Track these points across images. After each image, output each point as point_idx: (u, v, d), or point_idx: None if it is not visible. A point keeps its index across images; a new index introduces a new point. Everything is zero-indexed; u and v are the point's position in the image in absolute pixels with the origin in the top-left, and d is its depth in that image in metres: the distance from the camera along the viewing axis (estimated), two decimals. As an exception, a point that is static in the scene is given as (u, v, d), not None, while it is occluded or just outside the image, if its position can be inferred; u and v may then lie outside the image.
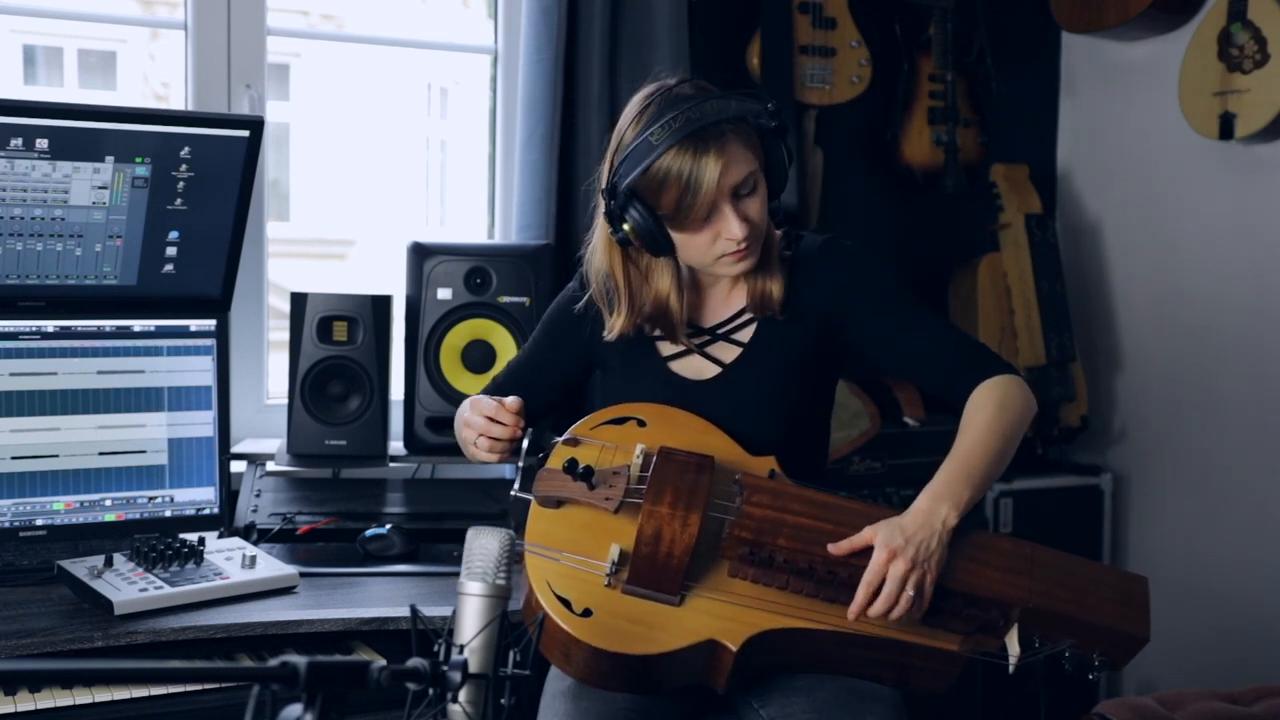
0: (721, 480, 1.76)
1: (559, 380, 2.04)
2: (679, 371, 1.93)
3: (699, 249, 1.82)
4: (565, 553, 1.71)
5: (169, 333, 2.30)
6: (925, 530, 1.68)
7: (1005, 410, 1.79)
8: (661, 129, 1.72)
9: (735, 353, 1.92)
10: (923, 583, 1.67)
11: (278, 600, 2.08)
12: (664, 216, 1.77)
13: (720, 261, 1.83)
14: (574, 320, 1.99)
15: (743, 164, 1.77)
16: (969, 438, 1.78)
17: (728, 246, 1.80)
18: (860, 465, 2.99)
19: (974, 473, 1.75)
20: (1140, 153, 3.34)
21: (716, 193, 1.74)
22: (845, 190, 3.19)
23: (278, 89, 3.76)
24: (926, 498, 1.73)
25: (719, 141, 1.73)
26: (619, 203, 1.78)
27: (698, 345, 1.93)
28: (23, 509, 2.19)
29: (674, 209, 1.76)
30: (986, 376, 1.83)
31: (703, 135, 1.72)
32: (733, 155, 1.75)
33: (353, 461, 2.51)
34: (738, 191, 1.77)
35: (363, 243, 4.76)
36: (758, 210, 1.80)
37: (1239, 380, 3.13)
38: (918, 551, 1.67)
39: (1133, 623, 1.72)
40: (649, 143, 1.73)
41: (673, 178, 1.73)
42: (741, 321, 1.93)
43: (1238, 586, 3.14)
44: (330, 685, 1.06)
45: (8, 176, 2.14)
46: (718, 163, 1.73)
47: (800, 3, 3.02)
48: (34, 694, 1.80)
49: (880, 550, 1.67)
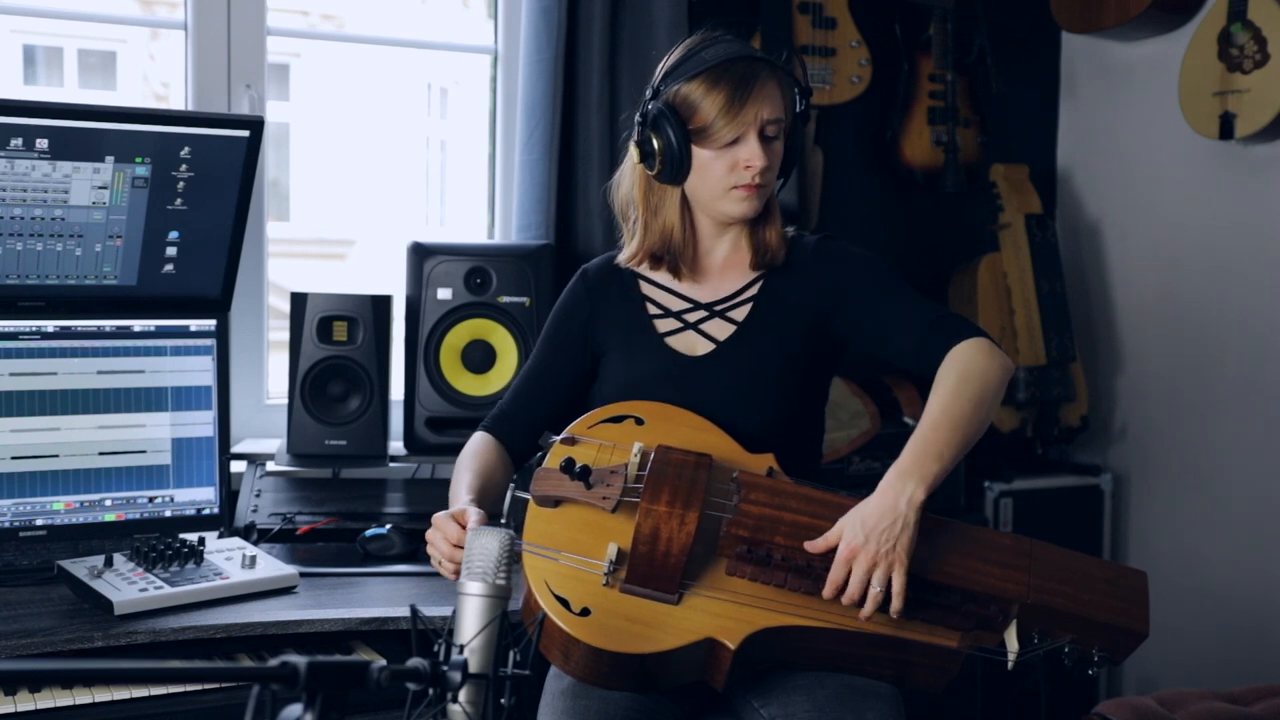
0: (719, 478, 1.76)
1: (567, 383, 2.04)
2: (675, 347, 1.96)
3: (715, 175, 1.88)
4: (563, 552, 1.71)
5: (169, 333, 2.30)
6: (888, 518, 1.67)
7: (969, 377, 1.79)
8: (717, 49, 1.87)
9: (729, 330, 1.95)
10: (890, 574, 1.66)
11: (278, 600, 2.08)
12: (693, 132, 1.85)
13: (730, 194, 1.89)
14: (578, 309, 2.03)
15: (779, 106, 1.88)
16: (934, 409, 1.77)
17: (743, 177, 1.87)
18: (860, 465, 2.99)
19: (941, 445, 1.73)
20: (1140, 153, 3.34)
21: (752, 118, 1.84)
22: (845, 190, 3.19)
23: (278, 89, 3.76)
24: (893, 475, 1.72)
25: (769, 73, 1.87)
26: (655, 109, 1.87)
27: (694, 321, 1.96)
28: (23, 509, 2.19)
29: (708, 123, 1.84)
30: (952, 343, 1.83)
31: (754, 64, 1.86)
32: (774, 93, 1.87)
33: (353, 461, 2.51)
34: (765, 130, 1.86)
35: (363, 243, 4.76)
36: (777, 156, 1.89)
37: (1239, 380, 3.13)
38: (879, 545, 1.66)
39: (1132, 618, 1.72)
40: (701, 57, 1.86)
41: (718, 90, 1.84)
42: (738, 301, 1.96)
43: (1238, 586, 3.14)
44: (330, 685, 1.06)
45: (8, 176, 2.14)
46: (761, 90, 1.85)
47: (800, 3, 3.02)
48: (34, 694, 1.80)
49: (842, 548, 1.67)
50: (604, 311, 2.01)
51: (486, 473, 1.94)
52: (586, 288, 2.04)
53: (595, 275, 2.05)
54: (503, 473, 1.98)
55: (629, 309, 2.00)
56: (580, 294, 2.04)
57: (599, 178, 2.74)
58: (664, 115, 1.86)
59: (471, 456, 1.98)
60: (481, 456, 1.98)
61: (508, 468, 2.01)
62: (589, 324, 2.02)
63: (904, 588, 1.66)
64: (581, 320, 2.03)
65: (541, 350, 2.07)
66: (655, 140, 1.87)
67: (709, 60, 1.85)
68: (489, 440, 2.02)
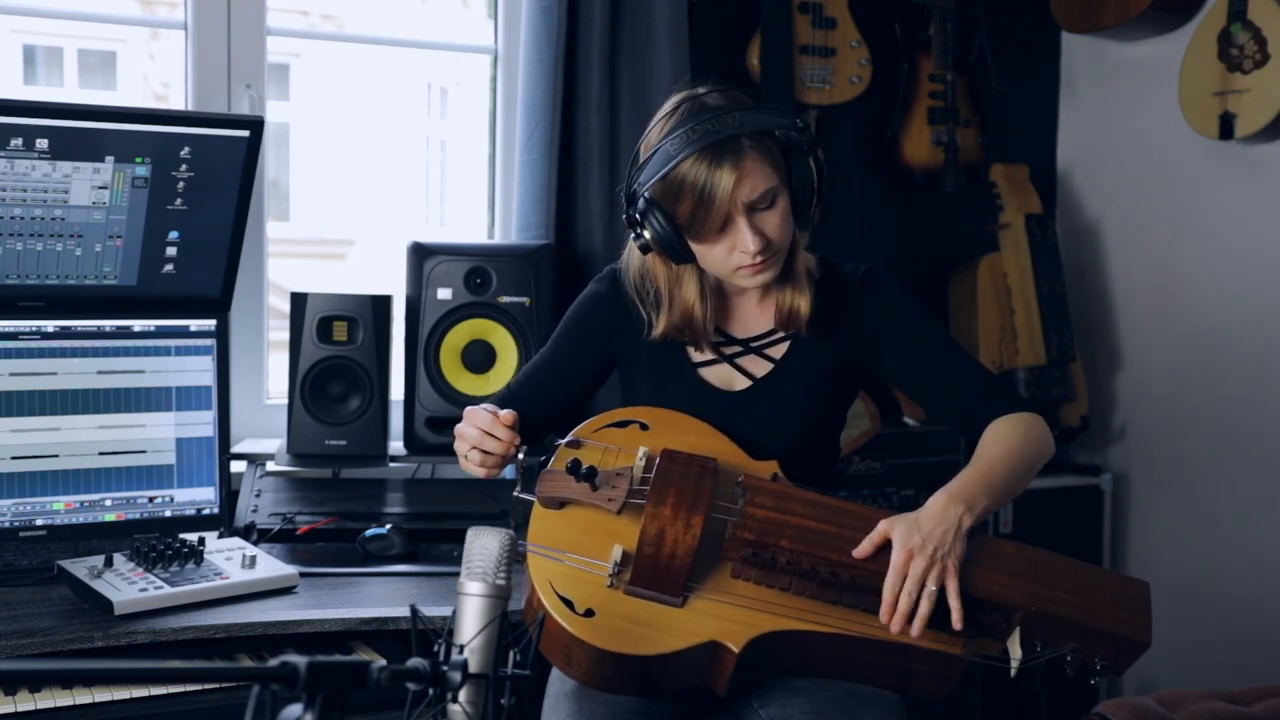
0: (724, 482, 1.76)
1: (577, 383, 2.02)
2: (708, 379, 1.93)
3: (716, 260, 1.82)
4: (568, 553, 1.71)
5: (169, 333, 2.30)
6: (943, 524, 1.69)
7: (1029, 441, 1.82)
8: (681, 138, 1.74)
9: (767, 368, 1.92)
10: (942, 580, 1.67)
11: (278, 600, 2.08)
12: (681, 226, 1.78)
13: (737, 274, 1.83)
14: (602, 318, 1.98)
15: (759, 179, 1.76)
16: (993, 452, 1.80)
17: (742, 259, 1.80)
18: (860, 465, 2.99)
19: (993, 483, 1.76)
20: (1140, 153, 3.34)
21: (730, 205, 1.75)
22: (845, 190, 3.19)
23: (278, 89, 3.76)
24: (943, 496, 1.73)
25: (735, 155, 1.74)
26: (639, 209, 1.79)
27: (729, 355, 1.93)
28: (23, 509, 2.19)
29: (689, 219, 1.77)
30: (1009, 410, 1.86)
31: (719, 148, 1.73)
32: (749, 169, 1.75)
33: (353, 461, 2.51)
34: (754, 206, 1.77)
35: (363, 243, 4.76)
36: (775, 226, 1.80)
37: (1239, 380, 3.13)
38: (936, 548, 1.67)
39: (1134, 628, 1.72)
40: (668, 151, 1.75)
41: (688, 188, 1.74)
42: (775, 338, 1.94)
43: (1238, 586, 3.14)
44: (330, 685, 1.06)
45: (8, 176, 2.14)
46: (732, 175, 1.73)
47: (800, 3, 3.02)
48: (34, 694, 1.80)
49: (899, 549, 1.67)
50: (630, 326, 1.95)
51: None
52: (615, 297, 1.97)
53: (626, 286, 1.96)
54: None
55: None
56: (605, 304, 1.98)
57: (599, 178, 2.74)
58: (649, 214, 1.77)
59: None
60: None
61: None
62: (613, 337, 1.98)
63: (960, 595, 1.67)
64: (606, 331, 1.98)
65: (558, 347, 2.03)
66: (648, 234, 1.79)
67: (675, 153, 1.74)
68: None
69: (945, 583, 1.67)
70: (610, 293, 1.98)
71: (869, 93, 3.11)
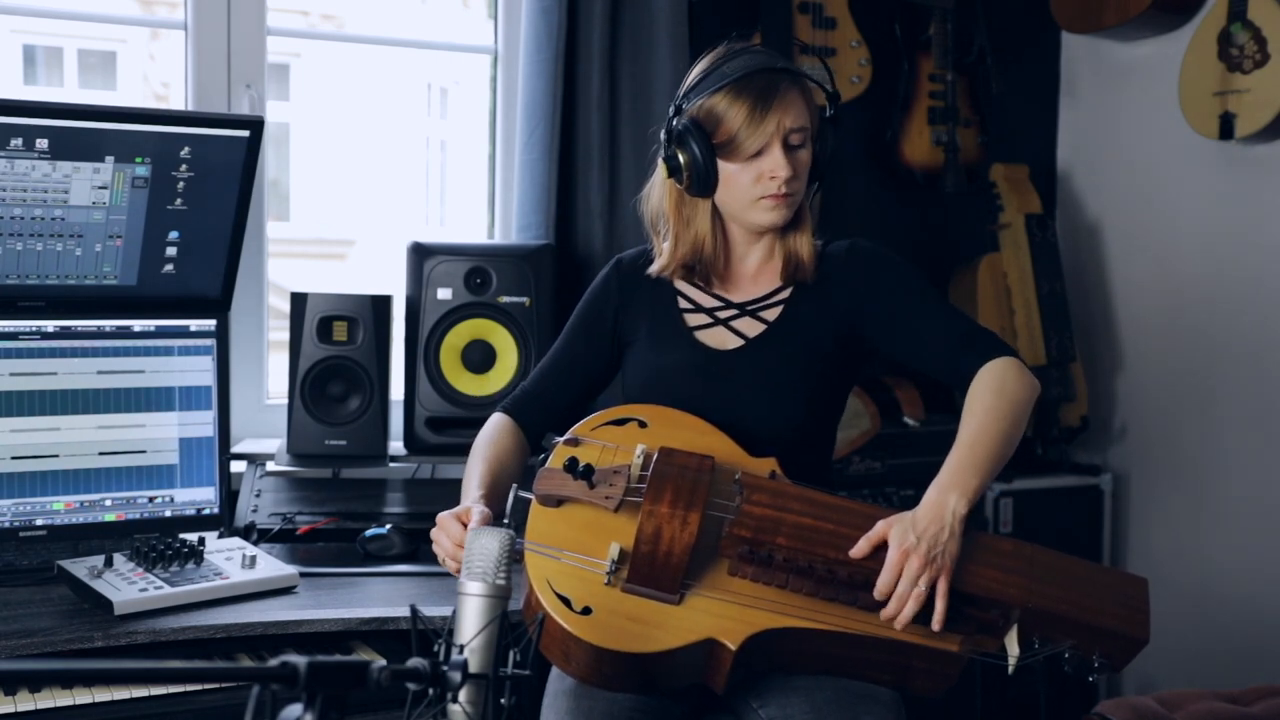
0: (721, 480, 1.76)
1: (593, 369, 2.06)
2: (704, 340, 1.97)
3: (741, 188, 1.89)
4: (565, 551, 1.71)
5: (169, 333, 2.30)
6: (936, 524, 1.70)
7: (1004, 395, 1.82)
8: (738, 62, 1.88)
9: (760, 329, 1.96)
10: (935, 579, 1.67)
11: (278, 600, 2.08)
12: (718, 146, 1.87)
13: (759, 204, 1.90)
14: (609, 298, 2.05)
15: (801, 115, 1.89)
16: (971, 426, 1.80)
17: (769, 187, 1.88)
18: (860, 465, 2.99)
19: (979, 460, 1.77)
20: (1140, 153, 3.34)
21: (775, 128, 1.85)
22: (845, 190, 3.19)
23: (278, 89, 3.76)
24: (935, 490, 1.75)
25: (787, 87, 1.88)
26: (680, 124, 1.88)
27: (725, 318, 1.97)
28: (23, 509, 2.19)
29: (731, 136, 1.86)
30: (985, 359, 1.87)
31: (774, 75, 1.87)
32: (794, 102, 1.88)
33: (353, 461, 2.51)
34: (789, 139, 1.87)
35: (363, 243, 4.76)
36: (803, 164, 1.91)
37: (1239, 380, 3.13)
38: (931, 547, 1.68)
39: (1132, 624, 1.72)
40: (723, 71, 1.87)
41: (740, 102, 1.85)
42: (770, 303, 1.97)
43: (1238, 586, 3.14)
44: (330, 685, 1.06)
45: (8, 176, 2.14)
46: (782, 101, 1.86)
47: (800, 3, 3.02)
48: (34, 694, 1.80)
49: (894, 549, 1.68)
50: (635, 302, 2.03)
51: (499, 461, 1.94)
52: (619, 276, 2.05)
53: (629, 265, 2.06)
54: (518, 458, 1.98)
55: (660, 302, 2.01)
56: (612, 282, 2.06)
57: (599, 178, 2.74)
58: (689, 130, 1.87)
59: (486, 444, 1.98)
60: (496, 444, 1.98)
61: (523, 452, 2.01)
62: (619, 312, 2.04)
63: (947, 596, 1.68)
64: (613, 308, 2.04)
65: (569, 336, 2.08)
66: (681, 155, 1.88)
67: (730, 74, 1.86)
68: (507, 423, 2.02)
69: (937, 582, 1.68)
70: (614, 273, 2.07)
71: (869, 93, 3.10)
